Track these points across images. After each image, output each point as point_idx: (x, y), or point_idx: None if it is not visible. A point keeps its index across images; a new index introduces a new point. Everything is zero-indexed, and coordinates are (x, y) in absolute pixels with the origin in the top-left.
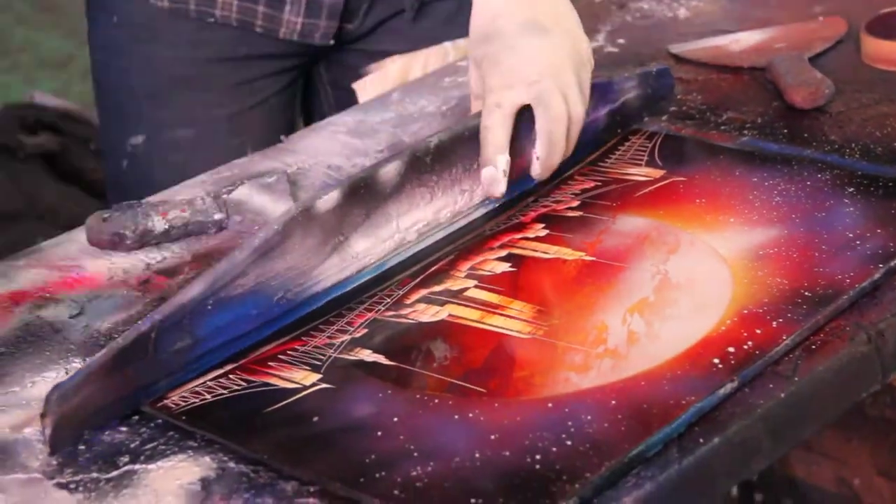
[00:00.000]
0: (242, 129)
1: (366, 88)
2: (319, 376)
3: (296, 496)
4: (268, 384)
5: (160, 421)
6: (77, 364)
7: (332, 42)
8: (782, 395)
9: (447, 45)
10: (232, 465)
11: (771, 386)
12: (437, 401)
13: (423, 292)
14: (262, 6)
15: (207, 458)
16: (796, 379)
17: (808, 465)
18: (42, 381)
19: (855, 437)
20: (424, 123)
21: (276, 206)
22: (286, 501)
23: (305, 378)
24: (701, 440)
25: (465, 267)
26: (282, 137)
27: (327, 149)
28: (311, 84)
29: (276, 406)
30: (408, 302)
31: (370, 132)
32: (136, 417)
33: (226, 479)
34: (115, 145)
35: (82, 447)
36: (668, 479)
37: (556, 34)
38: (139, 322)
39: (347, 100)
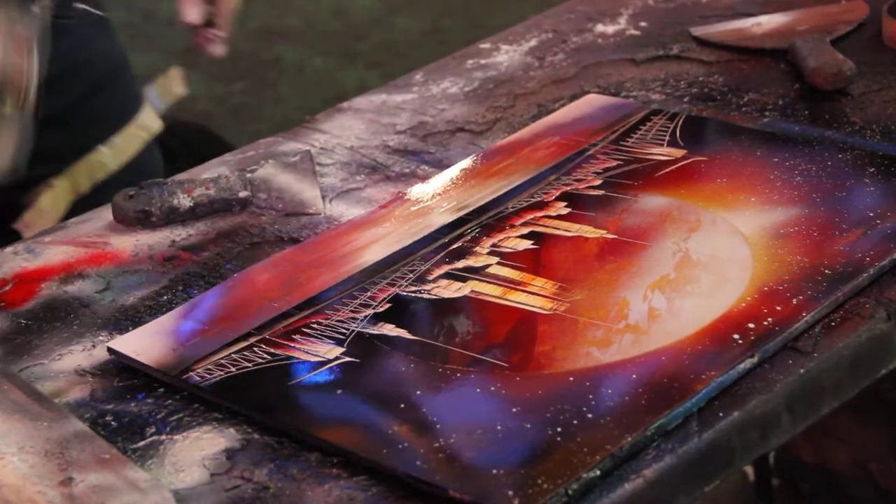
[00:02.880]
0: None
1: (28, 224)
2: (343, 350)
3: (319, 467)
4: (292, 357)
5: (185, 393)
6: (103, 338)
7: None
8: (802, 371)
9: (102, 149)
10: (256, 436)
11: (790, 362)
12: (459, 375)
13: (446, 268)
14: None
15: (232, 430)
16: (815, 355)
17: (825, 450)
18: (69, 354)
19: (871, 421)
20: (448, 105)
21: (300, 185)
22: (310, 472)
23: (329, 352)
24: (721, 414)
25: (487, 244)
26: (306, 117)
27: (351, 128)
28: None
29: (300, 379)
30: (430, 278)
31: (394, 112)
32: (162, 389)
33: (250, 450)
34: None
35: (109, 417)
36: (687, 452)
37: None
38: None
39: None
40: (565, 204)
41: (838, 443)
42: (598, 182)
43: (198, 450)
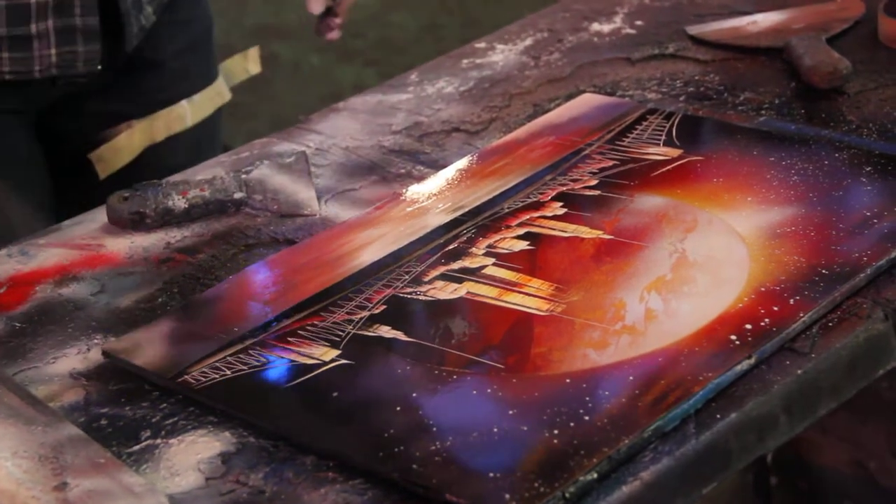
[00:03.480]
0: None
1: (102, 158)
2: (339, 352)
3: (315, 470)
4: (288, 360)
5: (181, 396)
6: (98, 341)
7: (99, 68)
8: (799, 371)
9: (183, 103)
10: (252, 439)
11: (788, 363)
12: (455, 377)
13: (442, 269)
14: (6, 52)
15: (227, 433)
16: (813, 356)
17: (824, 448)
18: (64, 358)
19: (870, 420)
20: (443, 104)
21: (295, 186)
22: (305, 475)
23: (325, 354)
24: (718, 416)
25: (483, 245)
26: (300, 117)
27: (346, 129)
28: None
29: (295, 381)
30: (426, 279)
31: (389, 112)
32: (157, 393)
33: (245, 453)
34: None
35: (104, 422)
36: (685, 453)
37: None
38: None
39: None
40: (561, 204)
41: (837, 441)
42: (594, 182)
43: (193, 454)
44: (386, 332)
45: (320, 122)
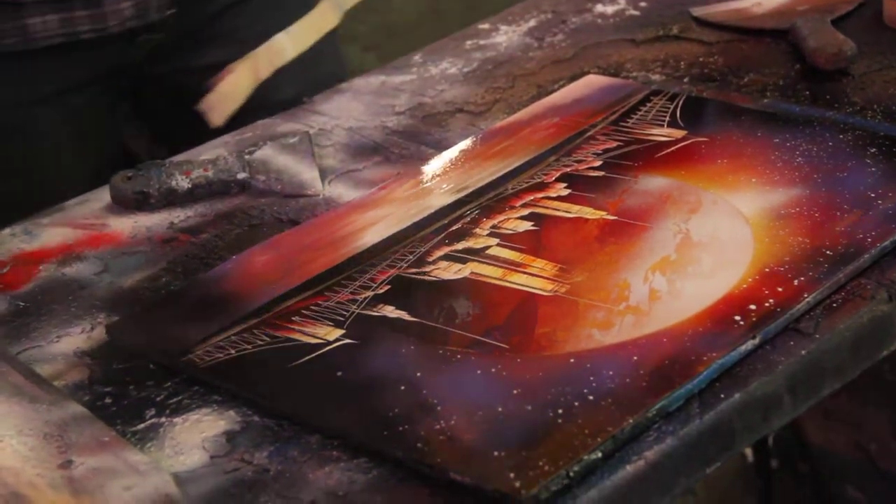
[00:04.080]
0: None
1: (213, 106)
2: (343, 332)
3: (320, 449)
4: (291, 339)
5: (185, 375)
6: (102, 320)
7: (168, 12)
8: (803, 352)
9: (280, 36)
10: (256, 418)
11: (792, 343)
12: (459, 356)
13: (446, 250)
14: (80, 10)
15: (232, 412)
16: (817, 336)
17: (825, 431)
18: (67, 337)
19: (871, 403)
20: (447, 86)
21: (298, 167)
22: (311, 454)
23: (329, 333)
24: (722, 396)
25: (487, 225)
26: (304, 98)
27: (350, 109)
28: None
29: (300, 361)
30: (430, 259)
31: (392, 93)
32: (161, 372)
33: (250, 432)
34: None
35: (108, 400)
36: (688, 433)
37: None
38: None
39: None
40: (565, 185)
41: (838, 424)
42: (598, 163)
43: (197, 432)
44: (390, 311)
45: (323, 103)
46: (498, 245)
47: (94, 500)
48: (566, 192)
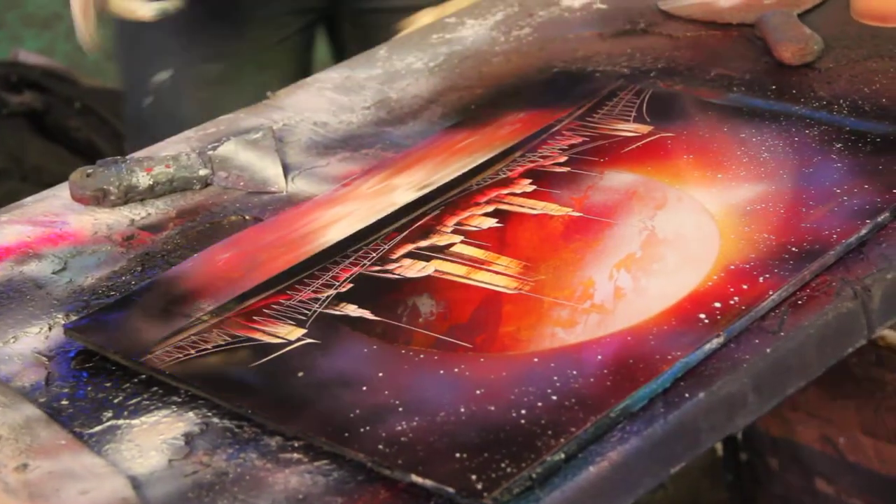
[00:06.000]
0: (266, 65)
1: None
2: (304, 331)
3: (280, 451)
4: (252, 339)
5: (144, 376)
6: (60, 319)
7: None
8: (768, 350)
9: None
10: (216, 420)
11: (757, 341)
12: (422, 356)
13: (409, 247)
14: None
15: (191, 414)
16: (782, 334)
17: (793, 424)
18: (24, 337)
19: (840, 396)
20: (412, 80)
21: (261, 163)
22: (270, 456)
23: (290, 333)
24: (686, 395)
25: (451, 222)
26: (268, 94)
27: (314, 105)
28: (338, 40)
29: (260, 361)
30: (393, 257)
31: (357, 88)
32: (120, 373)
33: (209, 434)
34: (138, 83)
35: (65, 402)
36: (653, 433)
37: None
38: None
39: None
40: (530, 181)
41: (806, 417)
42: (563, 159)
43: (156, 434)
44: (353, 310)
45: (287, 97)
46: (462, 242)
47: None
48: (531, 188)
